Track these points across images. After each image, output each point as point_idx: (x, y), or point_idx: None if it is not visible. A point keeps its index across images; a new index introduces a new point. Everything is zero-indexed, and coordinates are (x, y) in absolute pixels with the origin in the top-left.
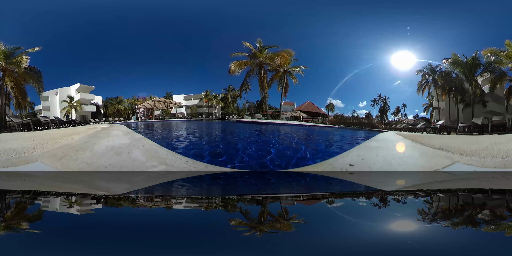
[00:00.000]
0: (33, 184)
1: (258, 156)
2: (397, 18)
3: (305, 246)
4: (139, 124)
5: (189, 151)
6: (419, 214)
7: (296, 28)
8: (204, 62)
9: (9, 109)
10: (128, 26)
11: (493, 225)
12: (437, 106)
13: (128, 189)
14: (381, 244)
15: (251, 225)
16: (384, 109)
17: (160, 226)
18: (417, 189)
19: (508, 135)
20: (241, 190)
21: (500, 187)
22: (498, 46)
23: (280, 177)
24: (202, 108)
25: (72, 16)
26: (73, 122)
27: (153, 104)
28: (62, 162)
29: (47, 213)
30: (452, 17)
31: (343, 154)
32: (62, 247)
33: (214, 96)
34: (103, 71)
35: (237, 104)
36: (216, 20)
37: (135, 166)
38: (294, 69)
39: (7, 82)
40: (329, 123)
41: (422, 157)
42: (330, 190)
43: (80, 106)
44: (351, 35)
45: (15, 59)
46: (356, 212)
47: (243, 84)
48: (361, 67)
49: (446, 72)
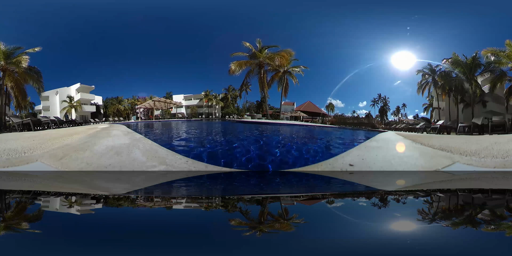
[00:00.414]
0: (33, 184)
1: (258, 156)
2: (397, 18)
3: (305, 246)
4: (139, 124)
5: (189, 151)
6: (419, 214)
7: (296, 28)
8: (204, 62)
9: (9, 109)
10: (128, 26)
11: (493, 225)
12: (437, 106)
13: (128, 189)
14: (381, 244)
15: (251, 225)
16: (384, 109)
17: (160, 226)
18: (417, 189)
19: (508, 135)
20: (241, 190)
21: (500, 187)
22: (498, 46)
23: (280, 177)
24: (202, 108)
25: (72, 16)
26: (73, 122)
27: (153, 104)
28: (62, 162)
29: (47, 213)
30: (452, 17)
31: (343, 154)
32: (62, 247)
33: (214, 96)
34: (103, 71)
35: (237, 104)
36: (216, 20)
37: (135, 166)
38: (294, 69)
39: (7, 82)
40: (329, 123)
41: (422, 157)
42: (330, 190)
43: (80, 106)
44: (351, 35)
45: (15, 59)
46: (356, 212)
47: (243, 84)
48: (361, 67)
49: (446, 72)
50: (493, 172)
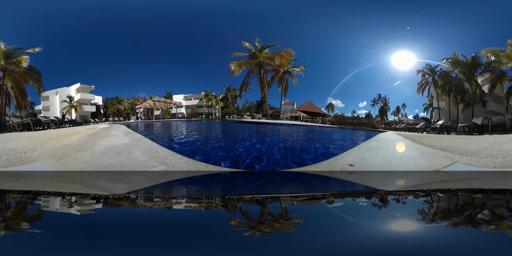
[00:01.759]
0: (33, 184)
1: (258, 156)
2: (397, 18)
3: (305, 246)
4: (139, 124)
5: (189, 151)
6: (419, 214)
7: (297, 28)
8: (204, 62)
9: (9, 109)
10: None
11: (493, 225)
12: (437, 106)
13: (128, 189)
14: (381, 244)
15: (251, 225)
16: (384, 109)
17: (160, 226)
18: (417, 189)
19: (508, 135)
20: (241, 190)
21: (500, 187)
22: (498, 46)
23: (280, 177)
24: (202, 108)
25: (73, 17)
26: (73, 122)
27: (153, 104)
28: (62, 162)
29: (47, 213)
30: (452, 17)
31: (343, 154)
32: (62, 247)
33: (214, 96)
34: (103, 71)
35: (237, 104)
36: (217, 20)
37: (135, 166)
38: (294, 69)
39: (7, 82)
40: (329, 123)
41: (422, 157)
42: (330, 190)
43: (80, 106)
44: (351, 35)
45: (15, 59)
46: (356, 212)
47: (243, 84)
48: (361, 67)
49: (446, 72)
50: (493, 172)
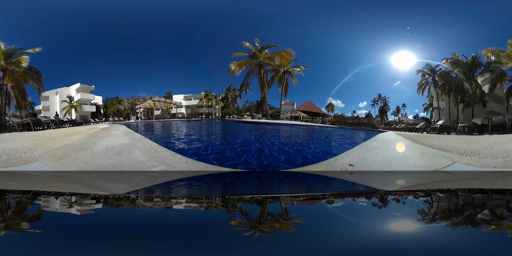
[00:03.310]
0: (33, 184)
1: (258, 156)
2: (397, 18)
3: (305, 246)
4: (139, 124)
5: (189, 151)
6: (419, 214)
7: (297, 28)
8: (204, 62)
9: (9, 109)
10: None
11: (493, 225)
12: (437, 106)
13: (128, 189)
14: (381, 244)
15: (251, 225)
16: (384, 109)
17: (160, 226)
18: (417, 189)
19: (508, 135)
20: (241, 190)
21: (500, 187)
22: (498, 46)
23: (280, 177)
24: (202, 108)
25: (72, 16)
26: (73, 122)
27: (153, 104)
28: (62, 162)
29: (47, 213)
30: (452, 17)
31: (343, 154)
32: (62, 247)
33: (214, 96)
34: (103, 71)
35: (237, 104)
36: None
37: (135, 166)
38: (294, 69)
39: (7, 82)
40: (329, 123)
41: (422, 157)
42: (330, 190)
43: (80, 106)
44: (351, 35)
45: (15, 59)
46: (356, 212)
47: (243, 84)
48: (361, 67)
49: (446, 72)
50: (493, 172)
